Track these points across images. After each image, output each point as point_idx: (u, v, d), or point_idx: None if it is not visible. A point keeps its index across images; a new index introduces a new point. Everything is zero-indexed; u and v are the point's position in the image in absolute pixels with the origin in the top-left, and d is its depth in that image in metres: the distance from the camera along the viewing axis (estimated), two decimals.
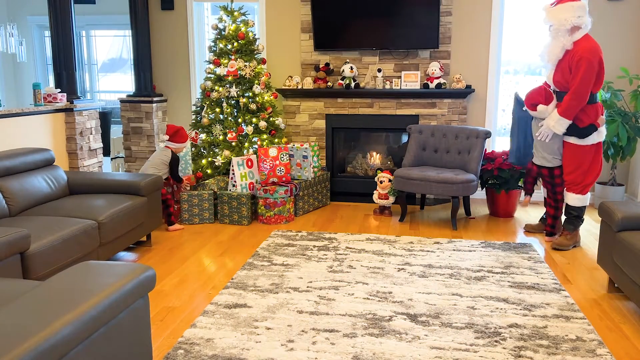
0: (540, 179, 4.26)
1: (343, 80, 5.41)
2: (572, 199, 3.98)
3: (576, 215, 4.02)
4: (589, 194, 4.01)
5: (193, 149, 5.23)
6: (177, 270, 3.58)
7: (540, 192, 5.46)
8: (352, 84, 5.37)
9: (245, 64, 5.12)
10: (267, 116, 5.18)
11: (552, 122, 3.86)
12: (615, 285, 3.08)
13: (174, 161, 4.58)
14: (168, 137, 4.60)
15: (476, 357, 2.42)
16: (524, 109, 4.15)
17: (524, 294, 3.14)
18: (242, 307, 2.94)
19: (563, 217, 4.18)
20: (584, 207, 4.01)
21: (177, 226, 4.54)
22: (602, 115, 3.91)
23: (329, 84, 5.49)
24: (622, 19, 5.17)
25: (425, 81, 5.33)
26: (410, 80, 5.36)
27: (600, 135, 3.89)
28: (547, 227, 4.24)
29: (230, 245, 4.09)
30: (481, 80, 5.43)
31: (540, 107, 3.98)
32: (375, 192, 5.05)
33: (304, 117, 5.61)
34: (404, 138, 5.66)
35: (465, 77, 5.40)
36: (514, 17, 5.45)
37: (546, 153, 4.06)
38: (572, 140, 3.90)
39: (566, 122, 3.81)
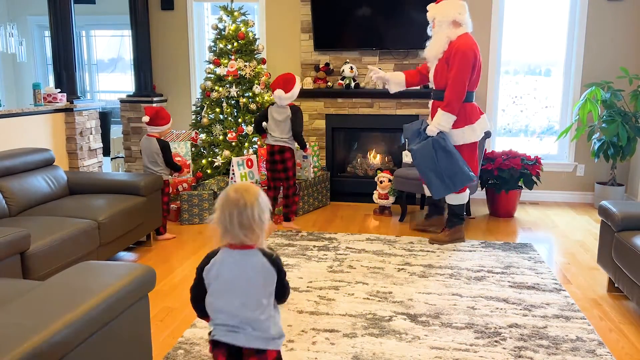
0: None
1: (343, 80, 5.41)
2: (450, 198, 4.05)
3: (455, 214, 4.08)
4: (467, 191, 4.07)
5: (193, 149, 5.23)
6: (177, 270, 3.58)
7: (538, 192, 5.47)
8: (352, 84, 5.37)
9: (245, 64, 5.12)
10: None
11: (437, 119, 3.87)
12: (615, 285, 3.08)
13: (164, 148, 4.20)
14: (148, 118, 4.20)
15: (476, 357, 2.42)
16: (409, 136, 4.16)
17: (524, 294, 3.14)
18: None
19: (446, 215, 4.21)
20: (463, 205, 4.09)
21: (167, 235, 4.27)
22: (481, 115, 3.96)
23: (329, 84, 5.49)
24: (622, 19, 5.18)
25: None
26: None
27: (474, 134, 3.93)
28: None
29: None
30: (481, 80, 5.38)
31: (278, 91, 4.30)
32: (375, 192, 5.05)
33: (304, 117, 5.59)
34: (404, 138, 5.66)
35: None
36: (514, 17, 5.44)
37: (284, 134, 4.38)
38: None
39: (451, 117, 3.84)
